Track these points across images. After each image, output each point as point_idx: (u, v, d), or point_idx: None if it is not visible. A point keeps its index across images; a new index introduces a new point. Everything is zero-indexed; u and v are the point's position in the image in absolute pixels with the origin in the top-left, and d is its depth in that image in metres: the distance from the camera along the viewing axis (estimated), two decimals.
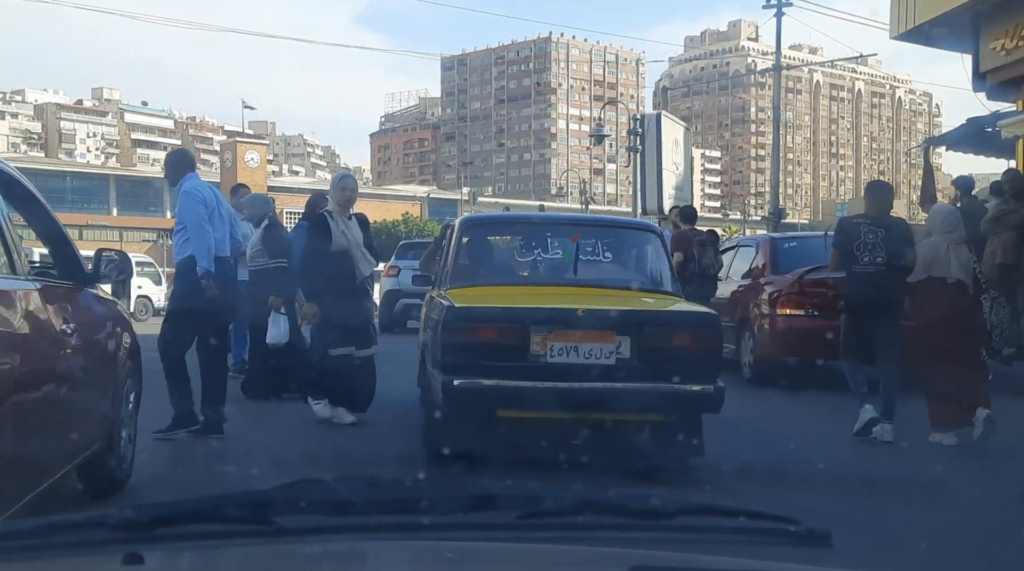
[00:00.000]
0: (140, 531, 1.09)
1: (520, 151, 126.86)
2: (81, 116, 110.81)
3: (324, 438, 5.97)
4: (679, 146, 24.12)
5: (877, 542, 3.88)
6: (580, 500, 1.07)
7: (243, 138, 69.35)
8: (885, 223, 5.88)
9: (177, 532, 1.10)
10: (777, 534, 1.07)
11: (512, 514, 1.07)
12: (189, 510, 1.10)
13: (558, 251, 5.91)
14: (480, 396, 4.63)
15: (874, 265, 5.76)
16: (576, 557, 1.13)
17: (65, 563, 1.13)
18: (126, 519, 1.09)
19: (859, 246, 5.80)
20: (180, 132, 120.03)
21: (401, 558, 1.14)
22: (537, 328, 4.68)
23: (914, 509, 4.92)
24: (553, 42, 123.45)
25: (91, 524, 1.10)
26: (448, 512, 1.08)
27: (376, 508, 1.10)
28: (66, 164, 77.31)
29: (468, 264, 5.63)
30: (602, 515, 1.07)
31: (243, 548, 1.13)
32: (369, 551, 1.17)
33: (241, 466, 4.64)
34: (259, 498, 1.10)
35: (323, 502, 1.11)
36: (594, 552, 1.09)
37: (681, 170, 24.25)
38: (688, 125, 28.84)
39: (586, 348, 4.68)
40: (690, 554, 1.03)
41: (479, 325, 4.76)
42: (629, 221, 7.81)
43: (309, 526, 1.11)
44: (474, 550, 1.10)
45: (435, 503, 1.08)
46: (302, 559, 1.17)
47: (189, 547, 1.12)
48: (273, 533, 1.10)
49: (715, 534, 1.08)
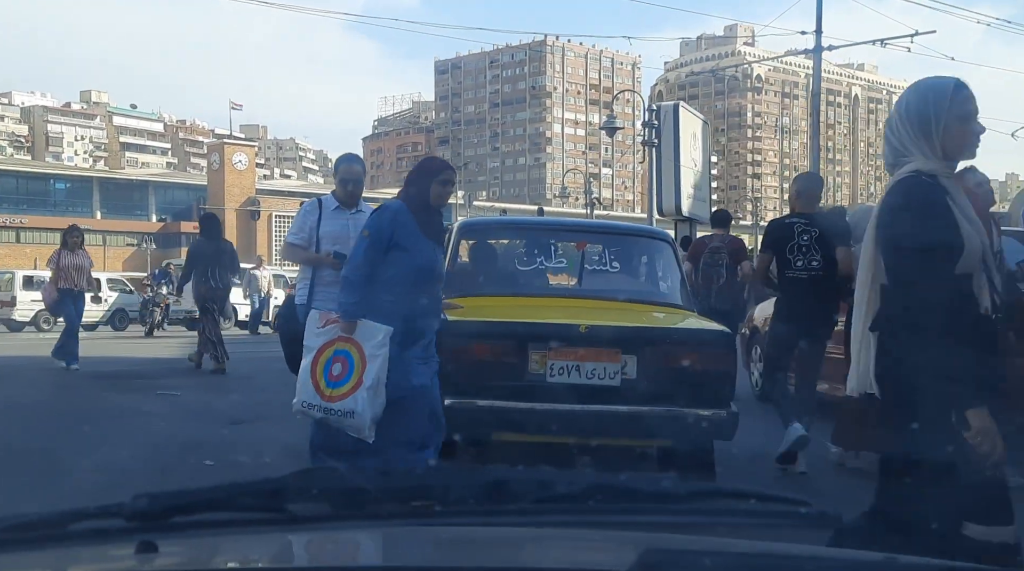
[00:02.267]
0: (154, 520, 1.09)
1: (515, 155, 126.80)
2: (69, 119, 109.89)
3: None
4: (697, 141, 21.68)
5: (885, 523, 3.89)
6: (592, 484, 1.07)
7: (231, 140, 68.67)
8: (820, 220, 5.22)
9: (191, 521, 1.10)
10: (788, 516, 1.08)
11: (524, 499, 1.08)
12: (203, 499, 1.11)
13: (562, 260, 5.55)
14: (474, 418, 4.29)
15: (809, 270, 5.10)
16: (589, 541, 1.14)
17: (79, 553, 1.13)
18: (140, 508, 1.09)
19: (792, 249, 5.13)
20: (170, 135, 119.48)
21: (414, 545, 1.15)
22: (536, 345, 4.37)
23: (924, 491, 4.89)
24: (548, 45, 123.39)
25: (105, 513, 1.10)
26: (460, 498, 1.08)
27: (389, 495, 1.10)
28: (49, 166, 76.33)
29: (464, 273, 5.35)
30: (614, 499, 1.08)
31: (256, 536, 1.14)
32: (382, 538, 1.18)
33: (254, 455, 4.66)
34: (272, 486, 1.10)
35: (336, 490, 1.11)
36: (607, 536, 1.10)
37: (699, 167, 21.82)
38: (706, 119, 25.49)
39: (589, 367, 4.34)
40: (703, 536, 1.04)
41: (473, 341, 4.41)
42: (639, 228, 7.22)
43: (322, 514, 1.12)
44: (487, 535, 1.11)
45: (447, 489, 1.09)
46: (315, 547, 1.18)
47: (203, 535, 1.12)
48: (286, 521, 1.10)
49: (727, 517, 1.09)
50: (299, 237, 5.17)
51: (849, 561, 0.95)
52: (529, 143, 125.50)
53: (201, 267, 10.10)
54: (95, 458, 5.03)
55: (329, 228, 5.10)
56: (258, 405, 7.52)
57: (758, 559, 0.95)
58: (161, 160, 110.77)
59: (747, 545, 1.05)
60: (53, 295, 10.22)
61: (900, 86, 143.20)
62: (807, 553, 1.00)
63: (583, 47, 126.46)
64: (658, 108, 22.62)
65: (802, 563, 0.94)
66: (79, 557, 1.13)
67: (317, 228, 5.12)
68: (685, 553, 0.97)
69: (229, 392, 8.73)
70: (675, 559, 0.93)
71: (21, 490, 4.00)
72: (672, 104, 22.19)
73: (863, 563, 0.97)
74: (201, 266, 10.10)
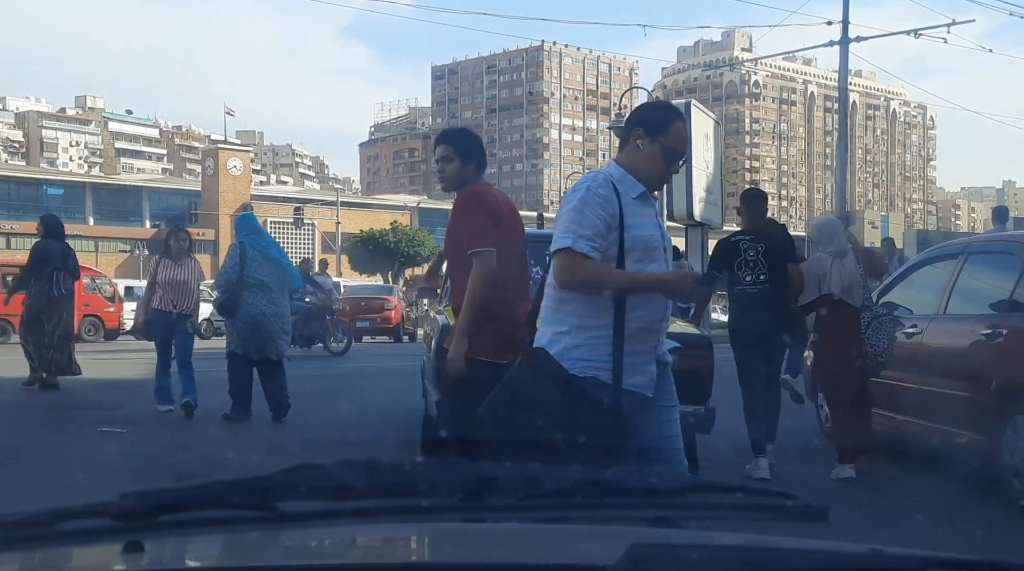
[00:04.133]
0: (141, 519, 1.09)
1: (512, 161, 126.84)
2: (64, 124, 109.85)
3: (323, 424, 6.10)
4: (710, 142, 20.24)
5: (874, 516, 3.92)
6: (579, 480, 1.08)
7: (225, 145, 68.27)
8: (764, 236, 5.51)
9: (178, 519, 1.10)
10: (775, 510, 1.08)
11: (512, 495, 1.08)
12: (190, 497, 1.10)
13: None
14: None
15: (757, 284, 5.37)
16: (576, 536, 1.14)
17: (66, 552, 1.13)
18: (127, 507, 1.09)
19: (740, 264, 5.41)
20: (165, 141, 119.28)
21: (402, 541, 1.15)
22: None
23: (910, 482, 4.97)
24: (545, 50, 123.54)
25: (92, 512, 1.10)
26: (448, 495, 1.08)
27: (377, 492, 1.10)
28: (41, 172, 75.98)
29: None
30: (601, 494, 1.08)
31: (244, 534, 1.14)
32: (371, 535, 1.18)
33: (241, 452, 4.66)
34: (260, 484, 1.10)
35: (324, 487, 1.11)
36: (594, 530, 1.10)
37: (711, 169, 20.25)
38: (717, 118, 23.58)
39: None
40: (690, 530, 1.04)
41: None
42: None
43: (310, 511, 1.12)
44: (475, 531, 1.11)
45: (435, 486, 1.09)
46: (303, 544, 1.18)
47: (190, 534, 1.12)
48: (274, 519, 1.10)
49: (713, 511, 1.09)
50: (591, 243, 2.64)
51: (835, 553, 0.95)
52: (526, 149, 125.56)
53: (48, 271, 8.90)
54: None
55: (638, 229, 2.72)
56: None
57: (744, 552, 0.95)
58: (157, 166, 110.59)
59: (733, 538, 1.05)
60: (142, 316, 7.96)
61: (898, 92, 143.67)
62: (793, 546, 1.00)
63: (580, 52, 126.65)
64: None
65: (788, 555, 0.94)
66: (65, 557, 1.13)
67: (621, 229, 2.68)
68: (672, 547, 0.97)
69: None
70: (662, 553, 0.93)
71: None
72: (684, 103, 20.24)
73: (849, 555, 0.97)
74: (48, 270, 8.90)
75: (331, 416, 7.50)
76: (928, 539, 3.41)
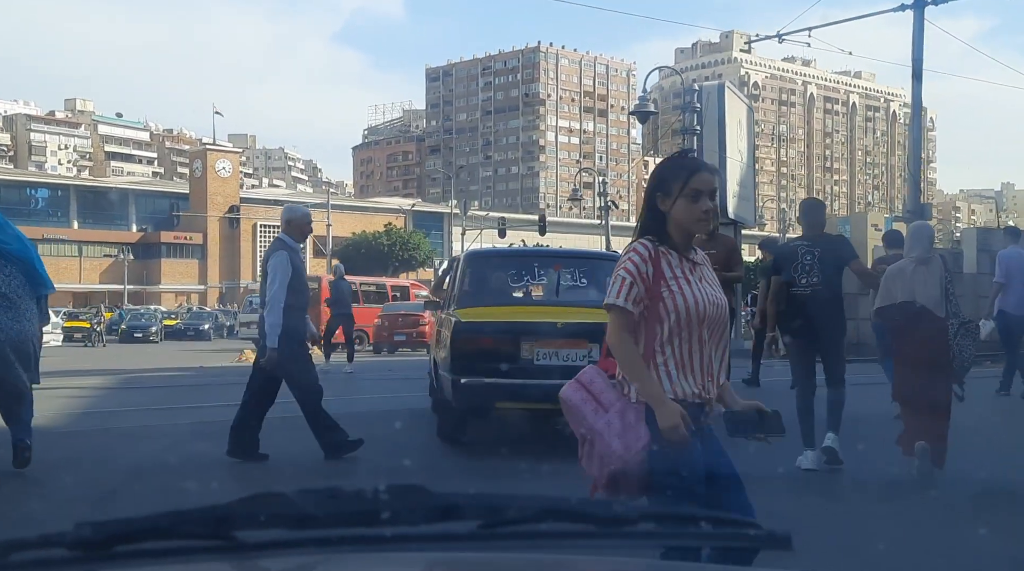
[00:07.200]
0: (97, 550, 1.07)
1: (508, 164, 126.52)
2: (52, 127, 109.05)
3: (283, 450, 6.05)
4: (743, 129, 18.55)
5: (837, 544, 3.92)
6: (543, 508, 1.06)
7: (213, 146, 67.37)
8: (821, 243, 5.89)
9: (135, 550, 1.08)
10: (738, 538, 1.07)
11: (474, 523, 1.07)
12: (147, 526, 1.08)
13: (543, 278, 7.46)
14: (482, 391, 6.00)
15: (810, 286, 5.77)
16: (539, 566, 1.12)
17: None
18: (82, 537, 1.07)
19: (796, 268, 5.83)
20: (156, 144, 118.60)
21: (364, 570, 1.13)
22: (526, 338, 6.09)
23: (872, 511, 4.99)
24: (542, 52, 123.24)
25: (46, 543, 1.08)
26: (411, 523, 1.06)
27: (338, 520, 1.08)
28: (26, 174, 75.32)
29: (472, 289, 6.90)
30: (565, 523, 1.07)
31: (202, 565, 1.12)
32: (331, 564, 1.15)
33: (201, 480, 4.61)
34: (218, 513, 1.08)
35: (284, 515, 1.09)
36: (557, 560, 1.08)
37: (745, 160, 18.66)
38: (750, 103, 21.14)
39: (565, 353, 6.06)
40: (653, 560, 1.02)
41: (481, 336, 6.16)
42: (598, 253, 9.87)
43: (270, 540, 1.10)
44: (437, 560, 1.09)
45: (397, 514, 1.07)
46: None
47: (147, 565, 1.10)
48: (233, 548, 1.08)
49: (677, 540, 1.07)
50: None
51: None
52: (522, 151, 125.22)
53: None
54: None
55: None
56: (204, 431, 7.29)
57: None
58: (147, 170, 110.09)
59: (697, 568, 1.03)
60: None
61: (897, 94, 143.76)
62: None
63: (577, 54, 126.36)
64: (701, 89, 18.98)
65: None
66: None
67: None
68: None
69: None
70: None
71: None
72: (716, 85, 18.77)
73: None
74: None
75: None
76: (889, 568, 3.42)
